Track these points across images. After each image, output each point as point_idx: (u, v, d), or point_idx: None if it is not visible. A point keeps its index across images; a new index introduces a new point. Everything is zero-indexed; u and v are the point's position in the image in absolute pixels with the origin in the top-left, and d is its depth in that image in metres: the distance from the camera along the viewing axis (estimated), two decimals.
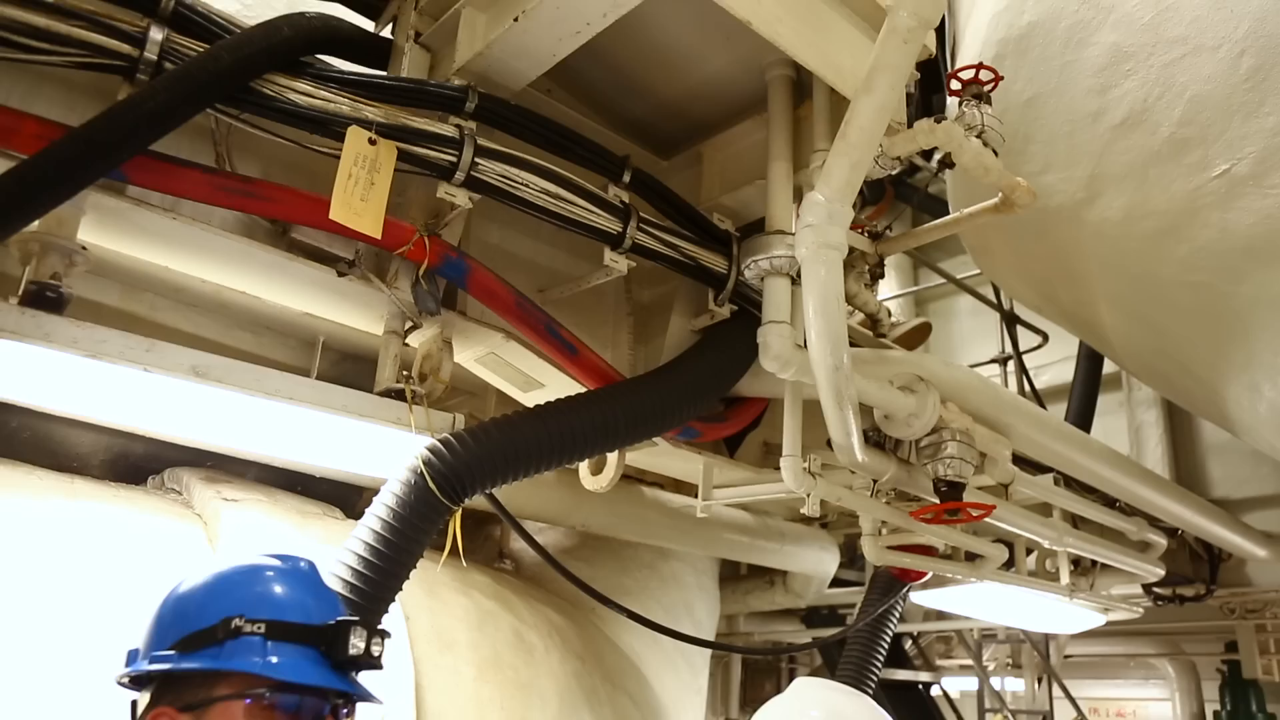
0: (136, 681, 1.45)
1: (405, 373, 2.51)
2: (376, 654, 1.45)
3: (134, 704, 1.45)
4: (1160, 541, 4.67)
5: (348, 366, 3.36)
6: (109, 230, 2.24)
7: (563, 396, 2.58)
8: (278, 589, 1.46)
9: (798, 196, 2.75)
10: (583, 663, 3.56)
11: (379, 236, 2.21)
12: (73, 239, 2.11)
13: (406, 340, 2.59)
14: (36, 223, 2.01)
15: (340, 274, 2.44)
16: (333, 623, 1.43)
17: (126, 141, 1.90)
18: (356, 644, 1.42)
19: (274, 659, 1.36)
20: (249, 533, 2.86)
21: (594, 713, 3.43)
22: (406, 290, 2.44)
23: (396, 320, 2.55)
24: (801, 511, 2.84)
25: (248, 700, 1.34)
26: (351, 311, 2.68)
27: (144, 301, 2.99)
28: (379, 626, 1.47)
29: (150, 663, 1.38)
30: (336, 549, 2.16)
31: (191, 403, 2.31)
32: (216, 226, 2.31)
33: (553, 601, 3.82)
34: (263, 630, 1.37)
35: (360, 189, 2.16)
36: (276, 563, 1.51)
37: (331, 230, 2.25)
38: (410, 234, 2.35)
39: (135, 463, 3.27)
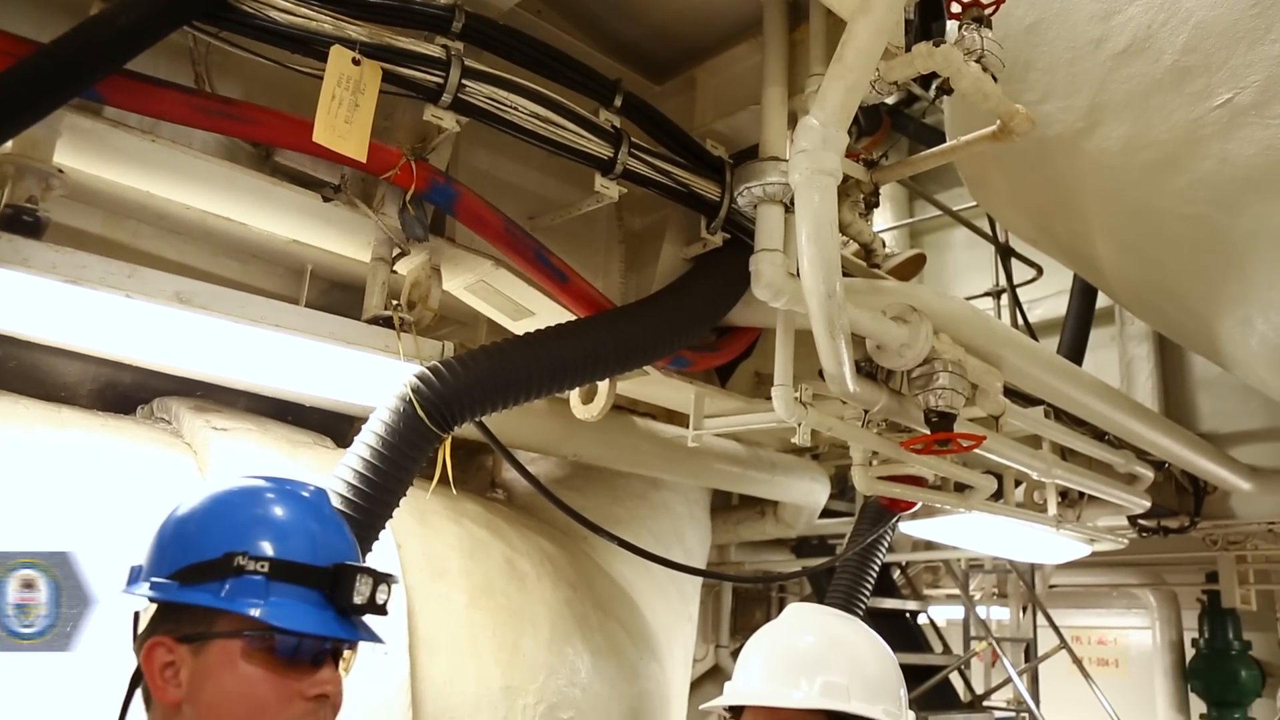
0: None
1: (394, 301, 2.48)
2: (382, 601, 1.41)
3: (137, 614, 1.44)
4: (1147, 474, 4.72)
5: (337, 295, 3.33)
6: (86, 153, 2.19)
7: (553, 325, 2.56)
8: (284, 522, 1.41)
9: (793, 122, 2.70)
10: (574, 590, 3.60)
11: (364, 160, 2.15)
12: (48, 161, 2.05)
13: (394, 268, 2.56)
14: (10, 144, 1.96)
15: (326, 199, 2.40)
16: (336, 566, 1.39)
17: (100, 59, 1.84)
18: (362, 591, 1.38)
19: (275, 603, 1.32)
20: (239, 462, 2.86)
21: (585, 639, 3.48)
22: (393, 216, 2.39)
23: (384, 247, 2.52)
24: (793, 442, 2.85)
25: (246, 640, 1.32)
26: (338, 238, 2.64)
27: (127, 229, 2.94)
28: (386, 572, 1.43)
29: (151, 588, 1.36)
30: (326, 477, 2.16)
31: (177, 330, 2.29)
32: (197, 149, 2.25)
33: (544, 530, 3.85)
34: (265, 570, 1.33)
35: (344, 111, 2.10)
36: (284, 491, 1.47)
37: (316, 154, 2.21)
38: (397, 158, 2.30)
39: (124, 392, 3.25)
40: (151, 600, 1.39)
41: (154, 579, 1.37)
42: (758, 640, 2.05)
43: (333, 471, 2.18)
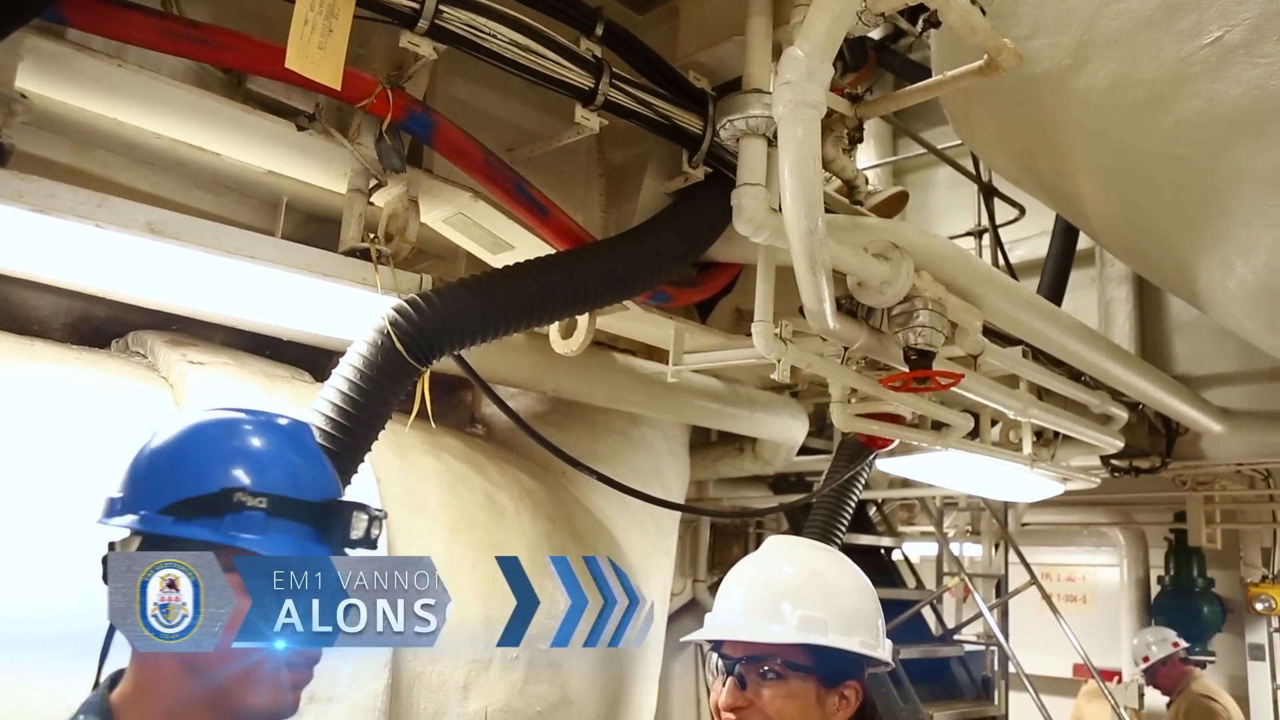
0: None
1: (371, 233, 2.45)
2: (375, 536, 1.44)
3: (112, 545, 1.42)
4: (1121, 415, 4.77)
5: (313, 229, 3.27)
6: (50, 77, 2.12)
7: (532, 258, 2.54)
8: (270, 455, 1.41)
9: (777, 54, 2.65)
10: (553, 524, 3.63)
11: (338, 87, 2.10)
12: (10, 86, 2.00)
13: (371, 199, 2.52)
14: None
15: (300, 128, 2.35)
16: (334, 502, 1.41)
17: None
18: (357, 528, 1.41)
19: (274, 538, 1.34)
20: (216, 396, 2.84)
21: None
22: (370, 146, 2.35)
23: (361, 178, 2.47)
24: (772, 379, 2.85)
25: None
26: (313, 168, 2.59)
27: (97, 159, 2.87)
28: (378, 509, 1.46)
29: (143, 523, 1.35)
30: (305, 411, 2.15)
31: (150, 262, 2.25)
32: (166, 75, 2.19)
33: (524, 465, 3.87)
34: (265, 505, 1.34)
35: (318, 36, 2.05)
36: (267, 424, 1.46)
37: (289, 81, 2.15)
38: (372, 86, 2.24)
39: (98, 326, 3.20)
40: (136, 533, 1.37)
41: (143, 512, 1.35)
42: (739, 572, 2.07)
43: (311, 405, 2.17)
